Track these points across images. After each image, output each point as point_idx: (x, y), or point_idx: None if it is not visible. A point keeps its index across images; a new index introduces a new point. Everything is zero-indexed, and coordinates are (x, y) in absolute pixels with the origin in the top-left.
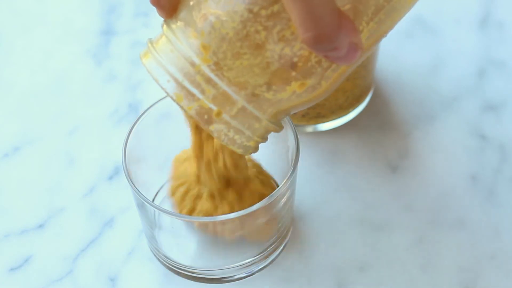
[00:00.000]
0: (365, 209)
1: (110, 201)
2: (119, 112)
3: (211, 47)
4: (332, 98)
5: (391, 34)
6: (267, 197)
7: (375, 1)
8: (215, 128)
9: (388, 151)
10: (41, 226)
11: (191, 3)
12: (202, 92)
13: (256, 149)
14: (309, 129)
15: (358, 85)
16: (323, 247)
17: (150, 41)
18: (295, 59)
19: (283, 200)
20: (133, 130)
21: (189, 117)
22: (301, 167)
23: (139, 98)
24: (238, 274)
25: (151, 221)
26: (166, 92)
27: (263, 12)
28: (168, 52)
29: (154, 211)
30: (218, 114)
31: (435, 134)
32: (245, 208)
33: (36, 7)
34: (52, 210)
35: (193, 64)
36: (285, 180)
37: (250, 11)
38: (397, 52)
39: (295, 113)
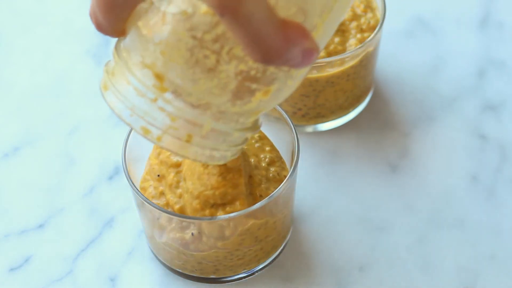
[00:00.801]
0: (365, 209)
1: (110, 201)
2: None
3: (165, 76)
4: (332, 98)
5: (391, 34)
6: (267, 197)
7: None
8: (190, 152)
9: (388, 151)
10: (41, 226)
11: (137, 32)
12: (168, 121)
13: (238, 153)
14: (309, 129)
15: (358, 85)
16: (323, 247)
17: (107, 70)
18: (253, 72)
19: (283, 200)
20: (133, 130)
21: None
22: (301, 167)
23: None
24: (238, 274)
25: (151, 221)
26: (132, 127)
27: (207, 37)
28: (125, 84)
29: (154, 210)
30: (189, 138)
31: (435, 134)
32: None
33: (36, 7)
34: (52, 210)
35: (152, 95)
36: (285, 180)
37: (194, 37)
38: (397, 52)
39: (295, 113)
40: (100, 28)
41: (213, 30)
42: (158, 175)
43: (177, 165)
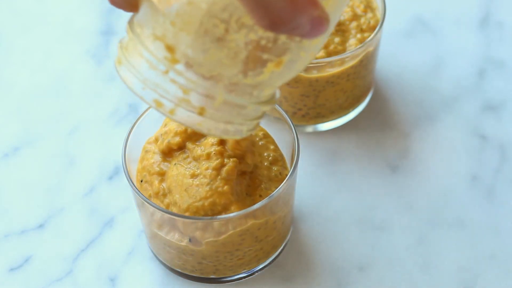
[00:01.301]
0: (365, 209)
1: (110, 201)
2: (119, 112)
3: (176, 47)
4: (332, 98)
5: (391, 34)
6: (267, 197)
7: None
8: (204, 125)
9: (388, 151)
10: (41, 226)
11: (148, 4)
12: (180, 93)
13: (255, 129)
14: (309, 129)
15: (358, 85)
16: (323, 247)
17: (121, 45)
18: (263, 42)
19: (283, 200)
20: (133, 130)
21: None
22: (301, 167)
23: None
24: (238, 274)
25: (151, 221)
26: (144, 100)
27: (216, 6)
28: (138, 57)
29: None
30: (202, 111)
31: (435, 134)
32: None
33: (36, 7)
34: (52, 210)
35: (163, 67)
36: (285, 180)
37: (202, 7)
38: (397, 52)
39: (295, 113)
40: (114, 1)
41: None
42: (142, 181)
43: (160, 173)
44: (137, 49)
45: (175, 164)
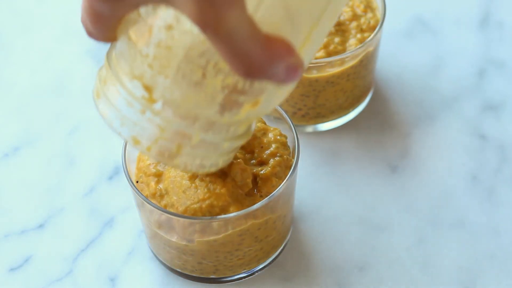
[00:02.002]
0: (365, 209)
1: (110, 201)
2: None
3: (154, 88)
4: (332, 98)
5: (391, 34)
6: (266, 197)
7: (314, 4)
8: (180, 161)
9: (388, 151)
10: (41, 226)
11: (127, 41)
12: (157, 132)
13: (230, 159)
14: (309, 129)
15: (358, 85)
16: (323, 247)
17: (99, 77)
18: (240, 85)
19: (283, 200)
20: None
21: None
22: (301, 167)
23: None
24: (238, 274)
25: (151, 221)
26: (122, 136)
27: (193, 51)
28: (115, 93)
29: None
30: (178, 149)
31: (435, 134)
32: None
33: (36, 7)
34: (52, 210)
35: (140, 107)
36: (285, 180)
37: (179, 52)
38: (397, 52)
39: (295, 113)
40: (91, 35)
41: (198, 45)
42: (137, 181)
43: (157, 174)
44: (114, 84)
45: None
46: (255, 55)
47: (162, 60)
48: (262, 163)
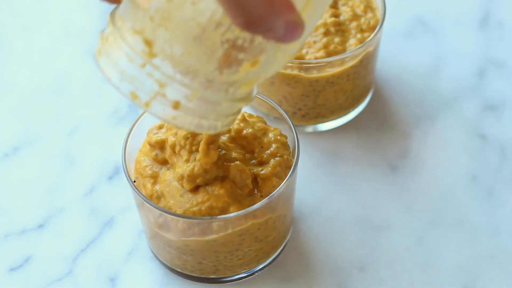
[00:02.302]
0: (365, 209)
1: (110, 201)
2: (119, 112)
3: (154, 42)
4: (332, 98)
5: (391, 34)
6: (266, 198)
7: None
8: (178, 119)
9: (388, 151)
10: (41, 226)
11: (129, 1)
12: (156, 87)
13: (230, 124)
14: (309, 129)
15: (358, 85)
16: (323, 247)
17: (102, 36)
18: (239, 41)
19: (283, 200)
20: (133, 130)
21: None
22: (301, 167)
23: None
24: (238, 274)
25: (151, 221)
26: (121, 92)
27: (193, 4)
28: (117, 49)
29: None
30: (176, 105)
31: (435, 134)
32: None
33: (36, 7)
34: (52, 210)
35: (141, 60)
36: (285, 180)
37: (180, 4)
38: (397, 52)
39: (295, 113)
40: None
41: None
42: (134, 181)
43: (153, 176)
44: (116, 41)
45: (168, 168)
46: (255, 6)
47: (163, 13)
48: (262, 163)
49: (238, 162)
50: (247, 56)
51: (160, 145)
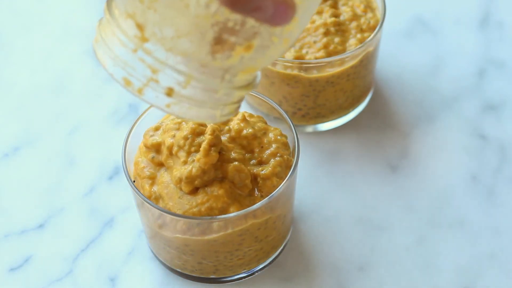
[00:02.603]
0: (365, 209)
1: (110, 201)
2: (119, 112)
3: (145, 25)
4: (332, 98)
5: (391, 34)
6: (266, 197)
7: None
8: (173, 108)
9: (388, 151)
10: (41, 226)
11: None
12: (148, 72)
13: (230, 114)
14: (309, 129)
15: (358, 85)
16: (323, 247)
17: (99, 24)
18: (230, 24)
19: (283, 200)
20: (133, 130)
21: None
22: (301, 167)
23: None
24: (238, 274)
25: (151, 221)
26: (114, 78)
27: None
28: (111, 35)
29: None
30: (170, 92)
31: (435, 134)
32: None
33: (36, 7)
34: (52, 210)
35: (133, 45)
36: (285, 180)
37: None
38: (397, 52)
39: (295, 113)
40: None
41: None
42: (134, 181)
43: (151, 177)
44: (111, 27)
45: (165, 170)
46: None
47: None
48: (262, 163)
49: (236, 163)
50: (239, 39)
51: (156, 148)
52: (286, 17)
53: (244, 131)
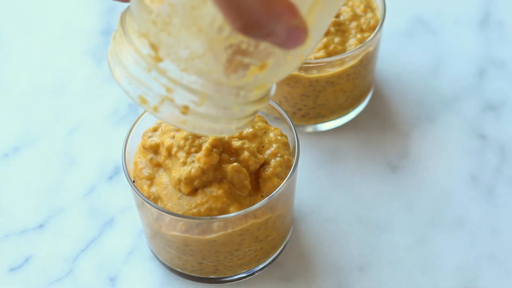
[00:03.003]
0: (365, 209)
1: (110, 201)
2: (119, 112)
3: (159, 46)
4: (332, 98)
5: (391, 34)
6: (266, 197)
7: None
8: (188, 124)
9: (388, 151)
10: (41, 226)
11: (136, 1)
12: (163, 91)
13: (246, 126)
14: (309, 129)
15: (358, 85)
16: (323, 247)
17: (114, 36)
18: (244, 46)
19: (283, 200)
20: (133, 130)
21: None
22: (301, 167)
23: None
24: (238, 274)
25: (151, 221)
26: (129, 96)
27: (195, 9)
28: (125, 51)
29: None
30: (185, 110)
31: (435, 134)
32: None
33: (36, 7)
34: (52, 210)
35: (147, 64)
36: (285, 180)
37: (181, 9)
38: (397, 52)
39: (295, 113)
40: None
41: (200, 2)
42: (134, 181)
43: (149, 178)
44: (124, 44)
45: (164, 171)
46: (252, 9)
47: (164, 17)
48: (263, 163)
49: (235, 164)
50: (253, 60)
51: (154, 149)
52: (299, 40)
53: (244, 131)
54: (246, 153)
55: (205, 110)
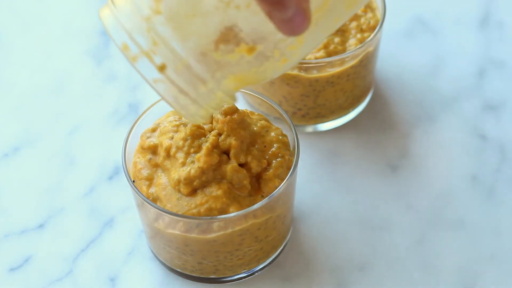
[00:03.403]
0: (365, 209)
1: (110, 201)
2: (119, 112)
3: (162, 0)
4: (332, 98)
5: (391, 34)
6: (266, 198)
7: None
8: (158, 85)
9: (388, 151)
10: (41, 226)
11: None
12: (149, 44)
13: (202, 118)
14: (309, 129)
15: (358, 85)
16: (323, 247)
17: None
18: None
19: (283, 200)
20: (133, 130)
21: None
22: (301, 167)
23: (139, 98)
24: (238, 274)
25: (151, 221)
26: (113, 39)
27: None
28: (123, 3)
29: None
30: (162, 68)
31: (435, 134)
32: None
33: (36, 7)
34: (52, 210)
35: (144, 16)
36: (285, 180)
37: None
38: (397, 52)
39: (295, 113)
40: None
41: None
42: (133, 181)
43: (148, 179)
44: None
45: (162, 171)
46: None
47: None
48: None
49: (234, 164)
50: (247, 38)
51: (153, 150)
52: (300, 26)
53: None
54: (249, 157)
55: (179, 77)
